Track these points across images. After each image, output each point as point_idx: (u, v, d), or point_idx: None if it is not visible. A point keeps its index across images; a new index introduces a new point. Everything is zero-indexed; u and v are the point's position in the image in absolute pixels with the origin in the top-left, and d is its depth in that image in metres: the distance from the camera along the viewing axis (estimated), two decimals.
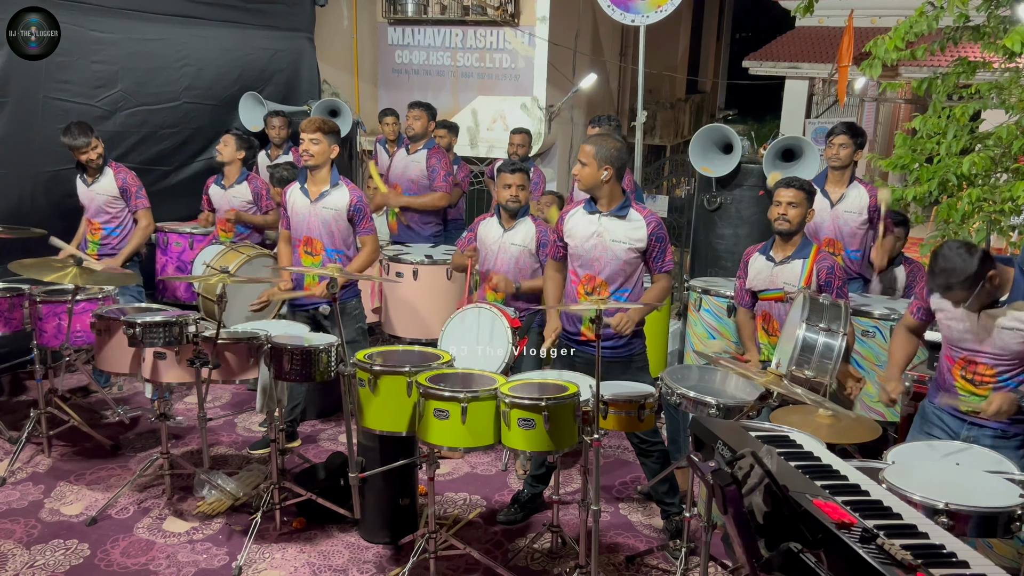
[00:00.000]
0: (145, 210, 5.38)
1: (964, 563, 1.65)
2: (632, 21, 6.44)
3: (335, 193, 4.38)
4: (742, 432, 2.26)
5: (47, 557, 3.76)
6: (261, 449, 4.75)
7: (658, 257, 3.75)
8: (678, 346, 5.73)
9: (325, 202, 4.36)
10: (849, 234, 4.77)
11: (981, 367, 3.22)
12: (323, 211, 4.37)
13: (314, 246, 4.42)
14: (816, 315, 3.44)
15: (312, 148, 4.28)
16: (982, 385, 3.23)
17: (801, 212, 3.88)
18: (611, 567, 3.80)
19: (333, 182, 4.39)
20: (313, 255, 4.42)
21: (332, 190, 4.38)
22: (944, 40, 5.26)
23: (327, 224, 4.38)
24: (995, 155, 5.09)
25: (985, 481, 2.59)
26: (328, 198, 4.37)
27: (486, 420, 3.19)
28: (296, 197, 4.45)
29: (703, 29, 15.71)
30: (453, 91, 9.11)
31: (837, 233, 4.79)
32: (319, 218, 4.38)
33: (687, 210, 7.16)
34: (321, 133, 4.29)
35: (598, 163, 3.65)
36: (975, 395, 3.24)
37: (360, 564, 3.78)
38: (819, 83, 11.59)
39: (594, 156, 3.65)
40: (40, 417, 4.68)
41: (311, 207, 4.38)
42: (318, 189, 4.38)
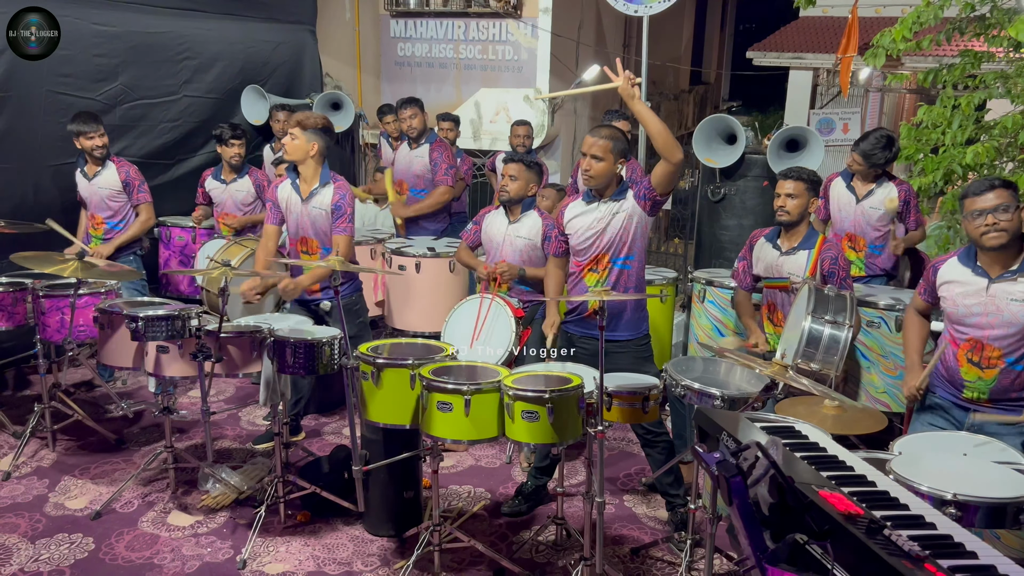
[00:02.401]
0: (147, 204, 5.36)
1: (973, 554, 1.63)
2: (635, 12, 6.40)
3: (323, 192, 4.26)
4: (747, 423, 2.24)
5: (52, 551, 3.76)
6: (265, 443, 4.75)
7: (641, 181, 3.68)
8: (682, 338, 5.72)
9: (314, 201, 4.27)
10: (873, 229, 4.75)
11: (988, 348, 3.17)
12: (313, 211, 4.28)
13: (310, 245, 4.36)
14: (822, 307, 3.42)
15: (288, 143, 4.20)
16: (989, 368, 3.18)
17: (801, 203, 3.87)
18: (616, 559, 3.79)
19: (323, 181, 4.26)
20: (310, 254, 4.35)
21: (321, 189, 4.26)
22: (950, 30, 5.23)
23: (317, 224, 4.29)
24: (1000, 145, 5.05)
25: (993, 471, 2.57)
26: (316, 197, 4.27)
27: (490, 413, 3.18)
28: (289, 194, 4.34)
29: (707, 20, 15.65)
30: (456, 83, 9.08)
31: (860, 228, 4.76)
32: (310, 218, 4.29)
33: (691, 202, 7.13)
34: (299, 128, 4.16)
35: (615, 157, 3.64)
36: (981, 379, 3.21)
37: (364, 557, 3.78)
38: (823, 73, 11.52)
39: (611, 150, 3.63)
40: (44, 411, 4.68)
41: (303, 206, 4.30)
42: (308, 187, 4.28)
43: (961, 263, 3.27)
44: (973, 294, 3.19)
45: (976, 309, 3.18)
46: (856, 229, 4.78)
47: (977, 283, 3.18)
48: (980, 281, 3.18)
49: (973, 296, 3.19)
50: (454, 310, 4.23)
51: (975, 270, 3.20)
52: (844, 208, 4.81)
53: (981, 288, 3.17)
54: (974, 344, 3.21)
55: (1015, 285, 3.11)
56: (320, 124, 4.23)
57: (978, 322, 3.18)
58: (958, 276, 3.24)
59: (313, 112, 4.81)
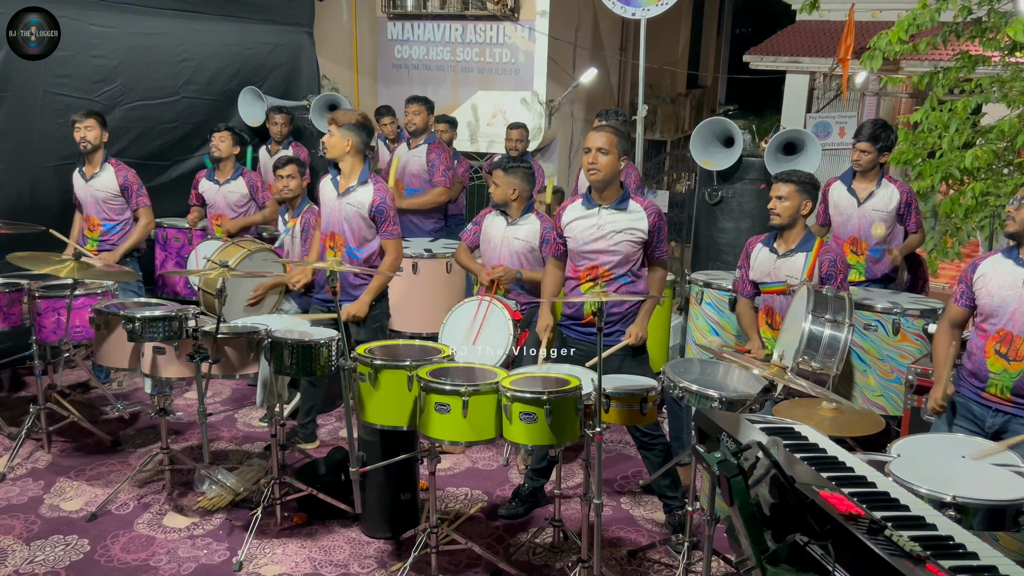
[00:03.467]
0: (146, 208, 5.33)
1: (974, 554, 1.63)
2: (633, 15, 6.41)
3: (361, 190, 4.24)
4: (747, 424, 2.24)
5: (47, 553, 3.74)
6: (305, 443, 4.77)
7: (657, 246, 3.75)
8: (679, 341, 5.71)
9: (350, 198, 4.25)
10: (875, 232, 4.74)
11: (1018, 340, 3.17)
12: (347, 206, 4.26)
13: (336, 241, 4.33)
14: (821, 307, 3.42)
15: (327, 140, 4.24)
16: (1016, 361, 3.18)
17: (792, 205, 3.87)
18: (613, 561, 3.78)
19: (362, 179, 4.25)
20: (335, 250, 4.33)
21: (359, 186, 4.25)
22: (946, 33, 5.24)
23: (349, 220, 4.27)
24: (998, 149, 5.07)
25: (992, 474, 2.57)
26: (353, 194, 4.25)
27: (487, 414, 3.17)
28: (327, 188, 4.36)
29: (703, 24, 15.66)
30: (453, 86, 9.08)
31: (863, 231, 4.76)
32: (342, 213, 4.28)
33: (688, 205, 7.14)
34: (335, 125, 4.20)
35: (619, 152, 3.64)
36: (1007, 372, 3.21)
37: (361, 559, 3.77)
38: (820, 77, 11.55)
39: (616, 145, 3.64)
40: (40, 413, 4.66)
41: (337, 200, 4.28)
42: (346, 183, 4.27)
43: (1004, 256, 3.30)
44: (1011, 285, 3.20)
45: (1011, 300, 3.19)
46: (859, 232, 4.78)
47: (1017, 274, 3.19)
48: (1020, 272, 3.19)
49: (1010, 288, 3.20)
50: (452, 312, 4.22)
51: (1017, 261, 3.22)
52: (845, 211, 4.81)
53: (1019, 280, 3.18)
54: (1004, 336, 3.21)
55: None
56: (354, 120, 4.24)
57: (1012, 313, 3.19)
58: (998, 268, 3.25)
59: (350, 109, 4.83)
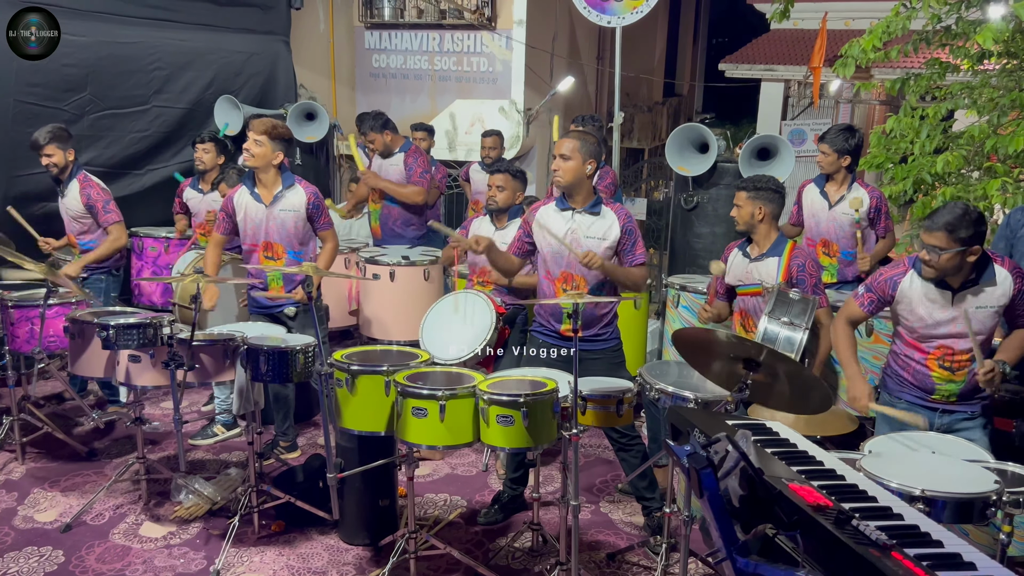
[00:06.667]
0: (115, 224, 5.09)
1: (939, 542, 1.66)
2: (608, 22, 6.47)
3: (290, 194, 4.31)
4: (718, 419, 2.26)
5: (20, 564, 3.70)
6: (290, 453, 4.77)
7: (629, 250, 3.71)
8: (657, 345, 5.74)
9: (282, 204, 4.29)
10: (845, 236, 4.78)
11: (959, 353, 3.26)
12: (281, 214, 4.29)
13: (275, 250, 4.34)
14: (780, 309, 3.48)
15: (254, 149, 4.22)
16: (959, 371, 3.27)
17: (745, 212, 3.89)
18: (592, 564, 3.79)
19: (286, 184, 4.31)
20: (275, 259, 4.34)
21: (287, 191, 4.31)
22: (917, 41, 5.32)
23: (286, 227, 4.30)
24: (968, 154, 5.15)
25: (961, 469, 2.61)
26: (284, 200, 4.30)
27: (465, 417, 3.17)
28: (247, 202, 4.33)
29: (679, 33, 15.81)
30: (431, 95, 9.11)
31: (834, 234, 4.81)
32: (277, 221, 4.30)
33: (665, 212, 7.18)
34: (267, 137, 4.22)
35: (583, 157, 3.64)
36: (952, 381, 3.28)
37: (340, 566, 3.75)
38: (794, 85, 11.69)
39: (579, 150, 3.63)
40: (13, 424, 4.61)
41: (268, 211, 4.30)
42: (271, 193, 4.30)
43: (923, 281, 3.29)
44: (941, 307, 3.25)
45: (945, 321, 3.26)
46: (830, 234, 4.83)
47: (944, 296, 3.25)
48: (946, 293, 3.24)
49: (941, 310, 3.26)
50: (431, 309, 4.24)
51: (938, 283, 3.26)
52: (818, 213, 4.86)
53: (948, 301, 3.24)
54: (945, 351, 3.29)
55: (979, 294, 3.21)
56: (289, 135, 4.37)
57: (950, 331, 3.26)
58: (923, 292, 3.28)
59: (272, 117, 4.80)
